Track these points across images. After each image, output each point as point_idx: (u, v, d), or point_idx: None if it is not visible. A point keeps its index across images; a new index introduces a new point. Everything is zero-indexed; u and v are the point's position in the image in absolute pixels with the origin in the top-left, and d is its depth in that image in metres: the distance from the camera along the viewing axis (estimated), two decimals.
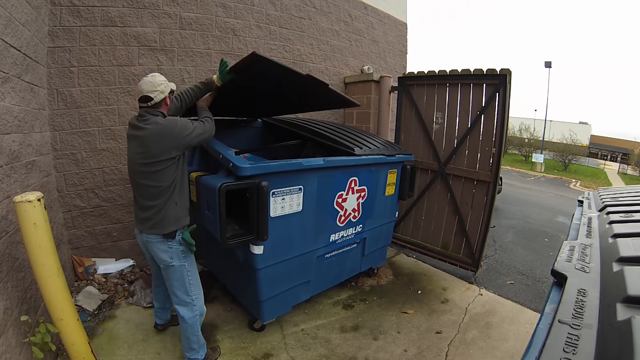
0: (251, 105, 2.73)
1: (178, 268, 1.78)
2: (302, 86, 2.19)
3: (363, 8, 4.79)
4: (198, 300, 1.88)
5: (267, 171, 1.90)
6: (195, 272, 1.86)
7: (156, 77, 1.68)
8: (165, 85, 1.69)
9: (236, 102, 2.52)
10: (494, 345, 2.37)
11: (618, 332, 0.54)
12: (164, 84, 1.68)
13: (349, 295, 2.95)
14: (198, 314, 1.88)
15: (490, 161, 3.16)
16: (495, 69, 3.03)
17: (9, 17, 1.83)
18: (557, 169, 22.22)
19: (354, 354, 2.23)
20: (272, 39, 3.77)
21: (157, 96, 1.66)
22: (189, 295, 1.84)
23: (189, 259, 1.82)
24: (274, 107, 2.86)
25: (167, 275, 1.82)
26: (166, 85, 1.69)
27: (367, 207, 2.69)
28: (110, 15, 2.74)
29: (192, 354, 1.92)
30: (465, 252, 3.40)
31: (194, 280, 1.85)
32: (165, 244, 1.73)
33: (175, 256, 1.76)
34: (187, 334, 1.88)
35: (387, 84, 4.00)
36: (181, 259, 1.77)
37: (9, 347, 1.49)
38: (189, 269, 1.81)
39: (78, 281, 2.76)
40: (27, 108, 2.12)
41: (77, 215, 2.84)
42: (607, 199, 1.61)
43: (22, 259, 1.79)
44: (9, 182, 1.77)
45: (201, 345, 1.95)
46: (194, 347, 1.91)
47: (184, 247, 1.77)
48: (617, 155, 34.37)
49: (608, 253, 0.90)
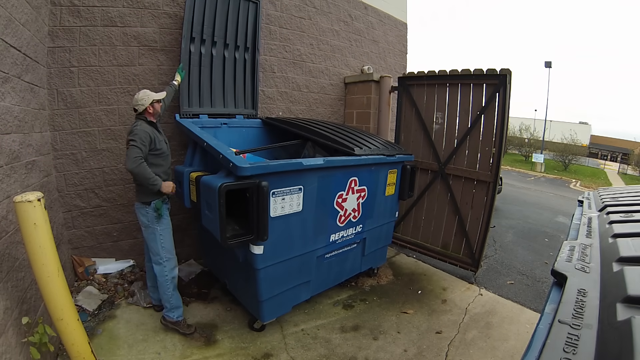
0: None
1: (152, 230, 2.21)
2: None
3: (363, 8, 4.79)
4: (169, 263, 2.27)
5: (267, 171, 1.90)
6: (167, 237, 2.26)
7: (139, 94, 2.20)
8: (146, 100, 2.18)
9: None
10: (494, 345, 2.37)
11: (618, 332, 0.54)
12: (144, 99, 2.18)
13: (349, 295, 2.95)
14: (169, 276, 2.26)
15: (490, 161, 3.16)
16: (495, 69, 3.03)
17: (9, 17, 1.83)
18: (557, 169, 22.22)
19: (354, 354, 2.23)
20: (272, 39, 3.77)
21: (138, 108, 2.19)
22: (159, 256, 2.24)
23: (162, 224, 2.22)
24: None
25: (145, 237, 2.27)
26: (147, 99, 2.18)
27: (367, 207, 2.69)
28: (110, 15, 2.74)
29: (165, 310, 2.32)
30: (465, 252, 3.40)
31: (166, 244, 2.25)
32: (144, 209, 2.19)
33: (150, 219, 2.19)
34: (161, 290, 2.29)
35: (387, 84, 4.00)
36: (154, 223, 2.20)
37: (9, 347, 1.49)
38: (161, 233, 2.22)
39: (78, 281, 2.76)
40: (27, 108, 2.12)
41: (77, 215, 2.84)
42: (607, 199, 1.61)
43: (22, 259, 1.79)
44: (9, 182, 1.77)
45: (174, 307, 2.30)
46: (166, 305, 2.30)
47: (156, 214, 2.19)
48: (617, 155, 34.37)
49: (608, 253, 0.90)
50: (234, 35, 3.22)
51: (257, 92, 3.49)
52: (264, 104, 3.78)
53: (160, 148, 2.22)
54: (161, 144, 2.25)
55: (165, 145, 2.31)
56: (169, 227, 2.30)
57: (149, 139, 2.12)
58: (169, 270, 2.28)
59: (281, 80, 3.91)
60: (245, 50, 3.35)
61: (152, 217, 2.20)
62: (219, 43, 3.13)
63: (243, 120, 3.31)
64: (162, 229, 2.25)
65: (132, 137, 2.07)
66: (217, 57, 3.16)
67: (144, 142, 2.07)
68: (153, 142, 2.16)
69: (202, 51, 3.03)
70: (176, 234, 2.41)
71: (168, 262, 2.27)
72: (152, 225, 2.22)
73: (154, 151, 2.17)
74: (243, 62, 3.37)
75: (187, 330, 2.31)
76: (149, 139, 2.12)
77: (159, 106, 2.27)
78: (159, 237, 2.24)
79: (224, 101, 3.28)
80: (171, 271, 2.29)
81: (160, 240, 2.24)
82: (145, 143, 2.09)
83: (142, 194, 2.20)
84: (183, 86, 2.94)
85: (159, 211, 2.20)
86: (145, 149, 2.08)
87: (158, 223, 2.22)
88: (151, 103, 2.21)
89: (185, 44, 2.90)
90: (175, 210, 3.21)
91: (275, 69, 3.84)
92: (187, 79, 2.96)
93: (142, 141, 2.06)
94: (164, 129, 3.06)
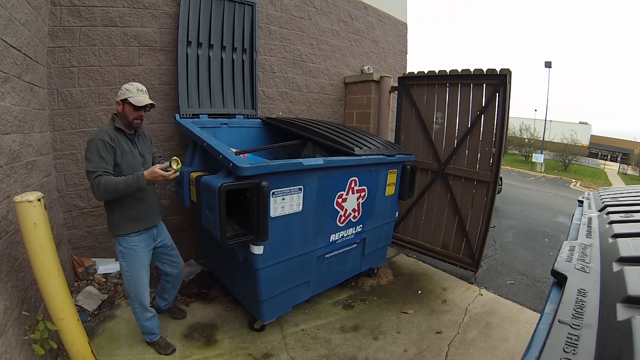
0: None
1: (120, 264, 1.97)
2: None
3: (363, 8, 4.79)
4: (135, 300, 2.00)
5: (267, 171, 1.90)
6: (132, 272, 1.95)
7: (124, 85, 1.85)
8: (122, 92, 1.83)
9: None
10: (494, 345, 2.37)
11: (618, 332, 0.54)
12: (121, 90, 1.84)
13: (349, 296, 2.95)
14: (137, 310, 2.04)
15: (490, 161, 3.16)
16: (495, 69, 3.03)
17: (9, 17, 1.83)
18: (557, 169, 22.21)
19: (354, 354, 2.23)
20: (272, 39, 3.77)
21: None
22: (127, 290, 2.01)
23: (127, 260, 1.93)
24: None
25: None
26: (123, 92, 1.82)
27: (367, 207, 2.69)
28: (111, 15, 2.74)
29: (144, 336, 2.17)
30: (465, 252, 3.40)
31: (132, 280, 1.96)
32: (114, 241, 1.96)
33: (118, 255, 1.95)
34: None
35: (387, 84, 4.00)
36: (120, 258, 1.95)
37: (9, 346, 1.49)
38: (127, 269, 1.94)
39: (78, 281, 2.76)
40: (27, 108, 2.12)
41: (77, 215, 2.84)
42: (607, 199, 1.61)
43: (22, 259, 1.79)
44: (9, 182, 1.77)
45: (147, 332, 2.12)
46: (142, 332, 2.14)
47: (122, 249, 1.92)
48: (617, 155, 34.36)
49: (608, 253, 0.90)
50: (230, 38, 3.24)
51: (257, 93, 3.49)
52: (264, 104, 3.78)
53: (119, 163, 1.79)
54: (124, 157, 1.81)
55: (133, 158, 1.87)
56: (138, 260, 1.95)
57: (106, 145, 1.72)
58: (138, 308, 2.03)
59: (281, 80, 3.91)
60: (243, 52, 3.36)
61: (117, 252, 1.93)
62: (215, 46, 3.15)
63: (243, 120, 3.31)
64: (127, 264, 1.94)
65: (86, 153, 1.72)
66: (214, 59, 3.17)
67: (100, 153, 1.70)
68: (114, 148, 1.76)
69: (199, 54, 3.05)
70: (176, 234, 2.41)
71: (135, 299, 2.00)
72: (120, 260, 1.94)
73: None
74: (241, 64, 3.38)
75: (163, 351, 2.12)
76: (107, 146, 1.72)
77: (131, 111, 1.82)
78: (125, 272, 1.95)
79: (223, 101, 3.28)
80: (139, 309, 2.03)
81: (127, 276, 1.95)
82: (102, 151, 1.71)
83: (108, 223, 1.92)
84: (182, 87, 2.95)
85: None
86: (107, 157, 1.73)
87: (124, 259, 1.92)
88: (124, 100, 1.80)
89: (181, 48, 2.92)
90: (175, 210, 3.22)
91: (275, 69, 3.84)
92: (186, 80, 2.97)
93: (97, 153, 1.70)
94: (163, 129, 3.10)
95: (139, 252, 1.94)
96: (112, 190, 1.69)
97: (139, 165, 1.90)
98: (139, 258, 1.94)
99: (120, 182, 1.70)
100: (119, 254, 1.92)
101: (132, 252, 1.92)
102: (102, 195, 1.69)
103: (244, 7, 3.27)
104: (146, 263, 2.00)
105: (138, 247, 1.93)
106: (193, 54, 3.02)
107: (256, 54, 3.42)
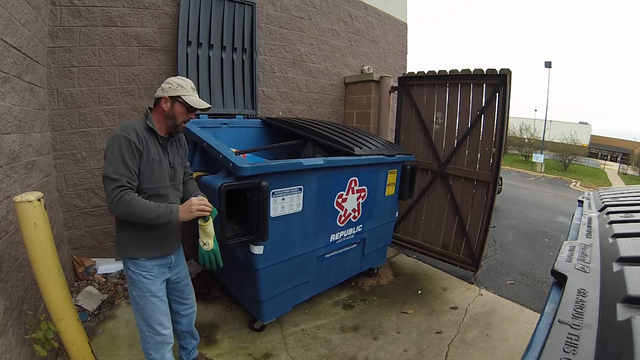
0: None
1: (130, 292, 1.58)
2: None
3: (363, 8, 4.79)
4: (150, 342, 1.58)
5: (267, 171, 1.90)
6: (144, 303, 1.55)
7: (173, 77, 1.52)
8: (172, 87, 1.46)
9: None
10: (494, 345, 2.37)
11: (618, 332, 0.53)
12: (171, 84, 1.47)
13: (349, 296, 2.95)
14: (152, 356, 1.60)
15: (490, 161, 3.16)
16: (495, 69, 3.03)
17: (9, 17, 1.83)
18: (557, 169, 22.22)
19: (354, 354, 2.23)
20: (272, 39, 3.77)
21: (157, 92, 1.50)
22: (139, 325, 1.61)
23: (137, 287, 1.54)
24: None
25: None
26: (174, 87, 1.46)
27: (367, 207, 2.69)
28: (111, 15, 2.74)
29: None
30: (465, 252, 3.40)
31: (144, 313, 1.56)
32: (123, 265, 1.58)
33: (127, 279, 1.57)
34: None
35: (387, 84, 4.00)
36: (129, 284, 1.56)
37: (9, 347, 1.49)
38: (136, 297, 1.55)
39: (78, 281, 2.76)
40: (27, 108, 2.12)
41: (77, 215, 2.84)
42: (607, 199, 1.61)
43: (22, 259, 1.79)
44: (9, 182, 1.77)
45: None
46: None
47: (131, 273, 1.54)
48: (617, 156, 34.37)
49: (608, 253, 0.90)
50: (230, 38, 3.24)
51: (257, 93, 3.49)
52: (264, 104, 3.78)
53: (141, 171, 1.42)
54: (149, 165, 1.44)
55: (160, 169, 1.48)
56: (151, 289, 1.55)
57: (133, 147, 1.36)
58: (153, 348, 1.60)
59: (281, 80, 3.91)
60: (243, 52, 3.37)
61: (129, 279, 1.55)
62: (215, 46, 3.16)
63: (243, 120, 3.31)
64: (139, 295, 1.55)
65: (106, 151, 1.37)
66: (214, 60, 3.18)
67: (123, 155, 1.35)
68: (140, 152, 1.40)
69: (199, 54, 3.06)
70: None
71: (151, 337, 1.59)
72: (130, 289, 1.57)
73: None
74: (241, 64, 3.38)
75: None
76: (133, 148, 1.37)
77: (183, 112, 1.49)
78: (136, 305, 1.57)
79: (223, 101, 3.28)
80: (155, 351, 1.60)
81: (139, 308, 1.56)
82: (127, 154, 1.35)
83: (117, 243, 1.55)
84: None
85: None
86: (132, 163, 1.37)
87: (134, 286, 1.54)
88: (175, 97, 1.46)
89: (181, 48, 2.92)
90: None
91: (275, 69, 3.84)
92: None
93: (120, 155, 1.34)
94: None
95: (150, 280, 1.54)
96: (136, 215, 1.37)
97: (165, 178, 1.51)
98: (150, 288, 1.54)
99: (149, 210, 1.37)
100: (128, 279, 1.56)
101: (143, 279, 1.53)
102: (120, 214, 1.38)
103: (244, 7, 3.28)
104: (162, 296, 1.60)
105: (149, 274, 1.54)
106: (193, 54, 3.02)
107: (256, 54, 3.42)
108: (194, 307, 1.91)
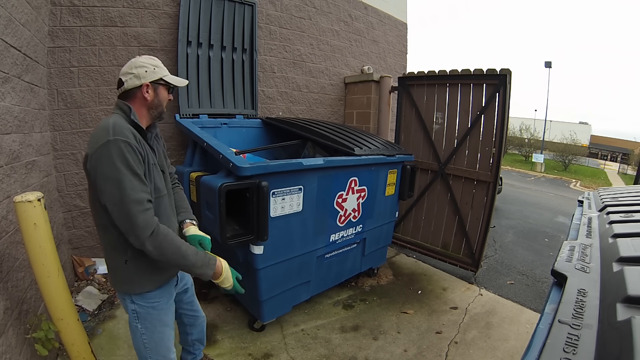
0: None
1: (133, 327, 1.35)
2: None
3: (363, 8, 4.79)
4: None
5: (267, 171, 1.90)
6: (151, 335, 1.34)
7: (141, 58, 1.20)
8: (149, 70, 1.17)
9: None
10: (494, 345, 2.37)
11: (618, 332, 0.53)
12: (146, 67, 1.17)
13: (349, 295, 2.95)
14: None
15: (490, 161, 3.16)
16: (495, 69, 3.03)
17: (9, 17, 1.83)
18: (557, 169, 22.22)
19: (354, 354, 2.23)
20: (272, 39, 3.77)
21: (128, 81, 1.17)
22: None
23: (145, 321, 1.32)
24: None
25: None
26: (151, 70, 1.17)
27: (367, 207, 2.69)
28: (111, 15, 2.74)
29: None
30: (465, 252, 3.40)
31: (150, 345, 1.34)
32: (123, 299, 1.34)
33: (130, 314, 1.33)
34: None
35: (387, 84, 4.00)
36: (132, 319, 1.32)
37: (9, 347, 1.49)
38: (143, 332, 1.33)
39: (78, 281, 2.76)
40: (27, 108, 2.12)
41: (77, 215, 2.84)
42: (607, 199, 1.61)
43: (22, 259, 1.78)
44: (9, 182, 1.77)
45: None
46: None
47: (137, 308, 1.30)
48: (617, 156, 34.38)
49: (608, 253, 0.90)
50: (230, 38, 3.24)
51: (257, 93, 3.49)
52: (264, 104, 3.78)
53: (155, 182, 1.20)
54: (151, 174, 1.17)
55: (159, 178, 1.24)
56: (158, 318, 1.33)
57: (137, 154, 1.09)
58: None
59: (281, 80, 3.91)
60: (243, 52, 3.37)
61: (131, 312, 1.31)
62: (215, 46, 3.15)
63: (243, 120, 3.31)
64: (144, 326, 1.33)
65: (100, 166, 1.03)
66: (214, 59, 3.18)
67: (131, 166, 1.05)
68: (142, 158, 1.13)
69: (199, 54, 3.06)
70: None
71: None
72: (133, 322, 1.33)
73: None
74: (241, 64, 3.38)
75: None
76: (137, 154, 1.09)
77: (166, 96, 1.29)
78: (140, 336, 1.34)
79: (223, 101, 3.28)
80: None
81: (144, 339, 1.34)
82: (134, 162, 1.07)
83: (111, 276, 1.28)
84: (182, 87, 2.94)
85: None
86: (142, 174, 1.10)
87: (138, 319, 1.31)
88: (155, 81, 1.21)
89: (181, 48, 2.93)
90: None
91: (275, 69, 3.84)
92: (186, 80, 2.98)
93: (128, 167, 1.04)
94: (163, 129, 3.09)
95: (160, 310, 1.32)
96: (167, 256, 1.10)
97: (163, 186, 1.26)
98: (161, 318, 1.33)
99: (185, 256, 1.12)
100: (132, 313, 1.30)
101: (153, 310, 1.30)
102: (151, 251, 1.08)
103: (244, 7, 3.28)
104: (171, 321, 1.40)
105: (159, 303, 1.31)
106: (193, 54, 3.02)
107: (256, 54, 3.42)
108: (203, 314, 1.76)
